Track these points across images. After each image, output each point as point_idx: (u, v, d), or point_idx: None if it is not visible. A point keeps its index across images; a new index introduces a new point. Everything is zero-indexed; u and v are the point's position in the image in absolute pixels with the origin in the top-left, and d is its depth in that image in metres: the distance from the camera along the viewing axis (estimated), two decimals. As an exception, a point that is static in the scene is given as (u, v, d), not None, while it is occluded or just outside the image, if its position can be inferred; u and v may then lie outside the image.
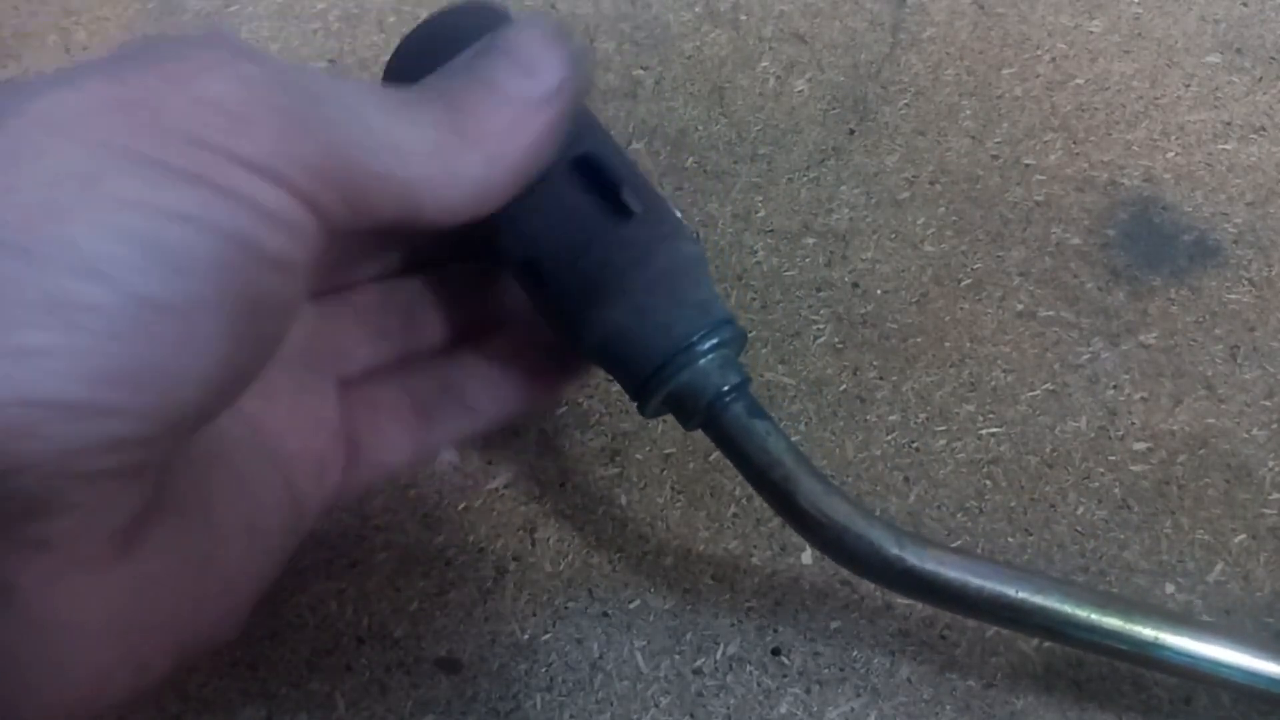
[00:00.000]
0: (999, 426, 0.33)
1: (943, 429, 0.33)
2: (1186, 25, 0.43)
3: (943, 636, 0.29)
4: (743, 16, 0.43)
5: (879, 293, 0.36)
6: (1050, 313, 0.35)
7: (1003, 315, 0.35)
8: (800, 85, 0.41)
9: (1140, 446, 0.32)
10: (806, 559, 0.30)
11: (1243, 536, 0.31)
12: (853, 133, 0.40)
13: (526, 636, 0.29)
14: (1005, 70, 0.41)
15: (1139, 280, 0.36)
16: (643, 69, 0.42)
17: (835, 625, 0.29)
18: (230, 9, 0.44)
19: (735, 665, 0.29)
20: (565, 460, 0.32)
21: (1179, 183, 0.38)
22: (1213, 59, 0.42)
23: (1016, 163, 0.39)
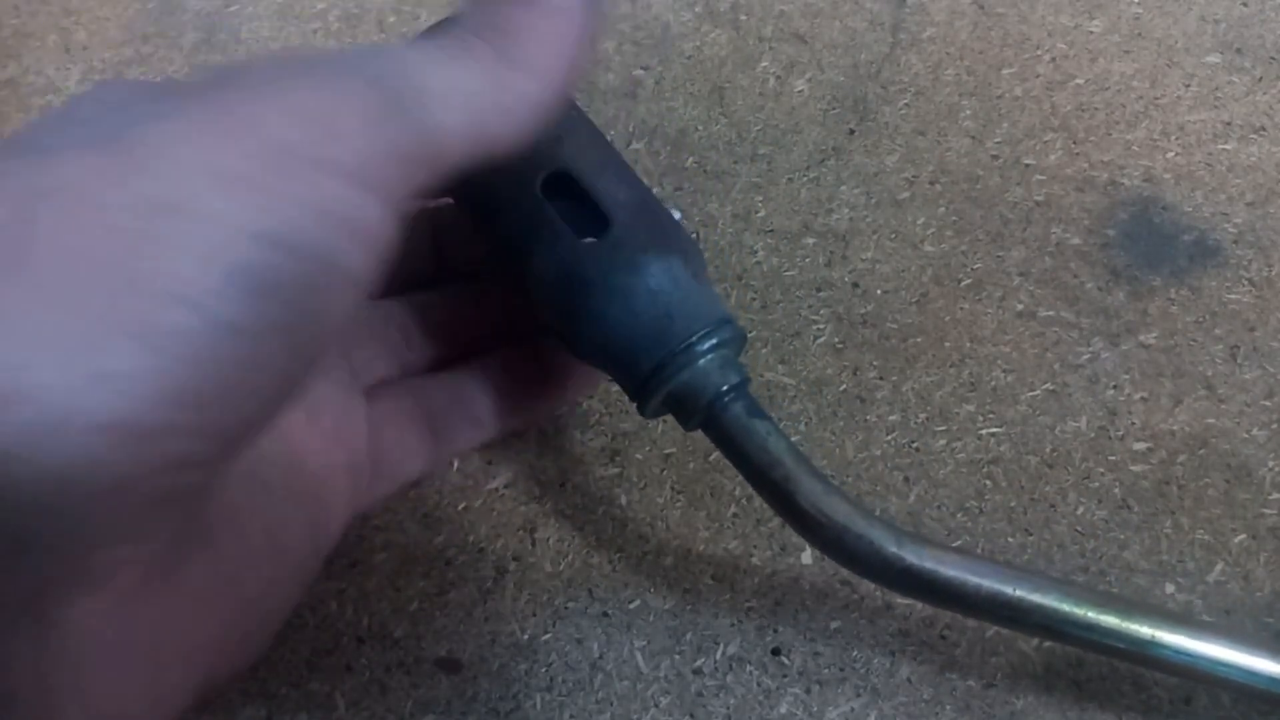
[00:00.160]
0: (999, 426, 0.33)
1: (943, 429, 0.33)
2: (1186, 25, 0.43)
3: (943, 636, 0.29)
4: (743, 16, 0.43)
5: (879, 293, 0.36)
6: (1050, 313, 0.35)
7: (1003, 315, 0.35)
8: (800, 85, 0.41)
9: (1140, 446, 0.32)
10: (806, 559, 0.30)
11: (1243, 536, 0.31)
12: (853, 133, 0.40)
13: (526, 636, 0.29)
14: (1005, 70, 0.41)
15: (1139, 280, 0.36)
16: (643, 69, 0.42)
17: (835, 625, 0.29)
18: (230, 9, 0.44)
19: (735, 665, 0.29)
20: (565, 460, 0.32)
21: (1179, 183, 0.38)
22: (1213, 59, 0.42)
23: (1016, 163, 0.39)
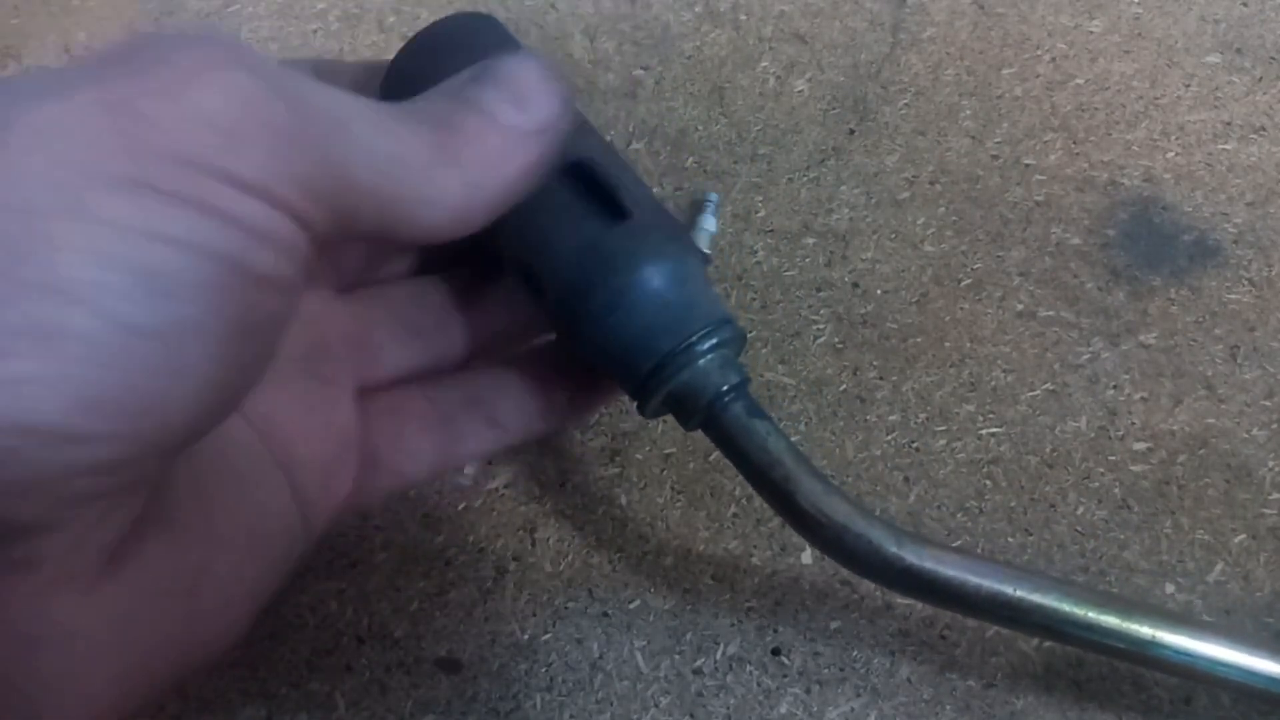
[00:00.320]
0: (999, 426, 0.33)
1: (943, 429, 0.33)
2: (1186, 25, 0.43)
3: (943, 636, 0.29)
4: (743, 16, 0.43)
5: (879, 293, 0.36)
6: (1050, 313, 0.35)
7: (1003, 315, 0.35)
8: (800, 85, 0.41)
9: (1140, 446, 0.32)
10: (806, 559, 0.30)
11: (1243, 536, 0.31)
12: (853, 133, 0.40)
13: (526, 636, 0.29)
14: (1005, 70, 0.41)
15: (1139, 280, 0.36)
16: (643, 69, 0.42)
17: (835, 625, 0.29)
18: (230, 9, 0.44)
19: (735, 665, 0.29)
20: (565, 460, 0.32)
21: (1179, 183, 0.38)
22: (1213, 59, 0.42)
23: (1016, 163, 0.39)
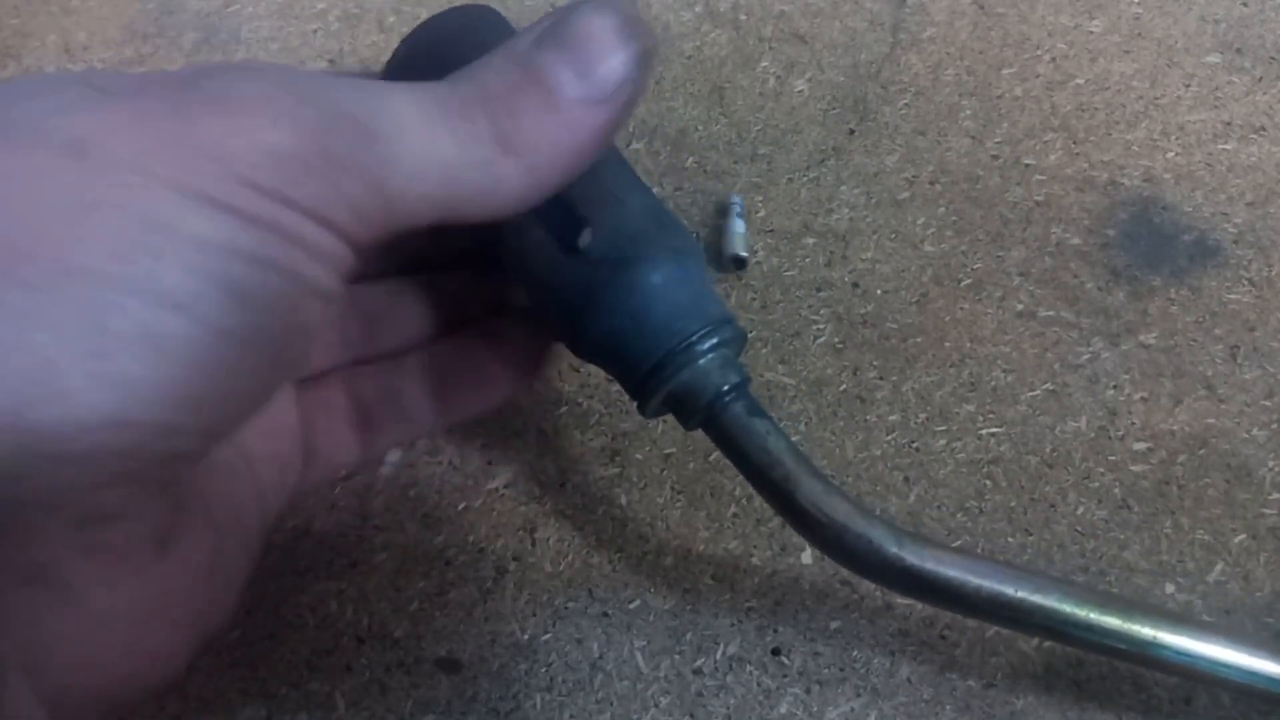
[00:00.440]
0: (999, 426, 0.33)
1: (943, 429, 0.33)
2: (1186, 25, 0.43)
3: (943, 636, 0.29)
4: (743, 16, 0.43)
5: (879, 293, 0.36)
6: (1050, 313, 0.35)
7: (1003, 315, 0.35)
8: (800, 85, 0.41)
9: (1140, 446, 0.32)
10: (806, 559, 0.30)
11: (1243, 536, 0.31)
12: (853, 133, 0.40)
13: (526, 636, 0.29)
14: (1005, 70, 0.41)
15: (1139, 280, 0.36)
16: (643, 69, 0.42)
17: (835, 625, 0.29)
18: (230, 9, 0.44)
19: (735, 665, 0.29)
20: (565, 460, 0.32)
21: (1179, 183, 0.38)
22: (1213, 59, 0.42)
23: (1016, 163, 0.39)
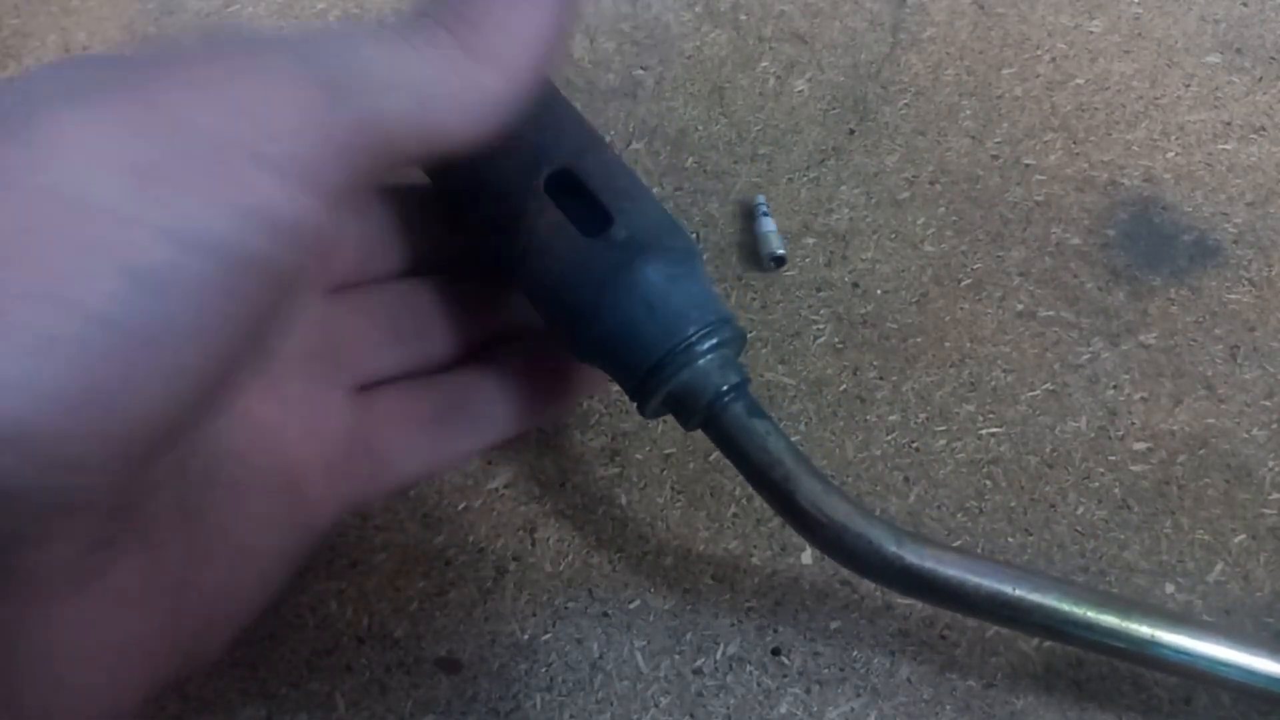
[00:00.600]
0: (999, 426, 0.33)
1: (943, 429, 0.33)
2: (1186, 25, 0.43)
3: (943, 636, 0.29)
4: (743, 16, 0.43)
5: (879, 293, 0.36)
6: (1050, 313, 0.35)
7: (1003, 315, 0.35)
8: (800, 85, 0.41)
9: (1140, 446, 0.32)
10: (806, 559, 0.30)
11: (1243, 536, 0.31)
12: (853, 133, 0.40)
13: (526, 636, 0.29)
14: (1005, 70, 0.41)
15: (1139, 280, 0.36)
16: (643, 69, 0.42)
17: (835, 625, 0.29)
18: (230, 9, 0.44)
19: (735, 665, 0.29)
20: (565, 460, 0.32)
21: (1179, 183, 0.38)
22: (1213, 59, 0.42)
23: (1016, 163, 0.39)
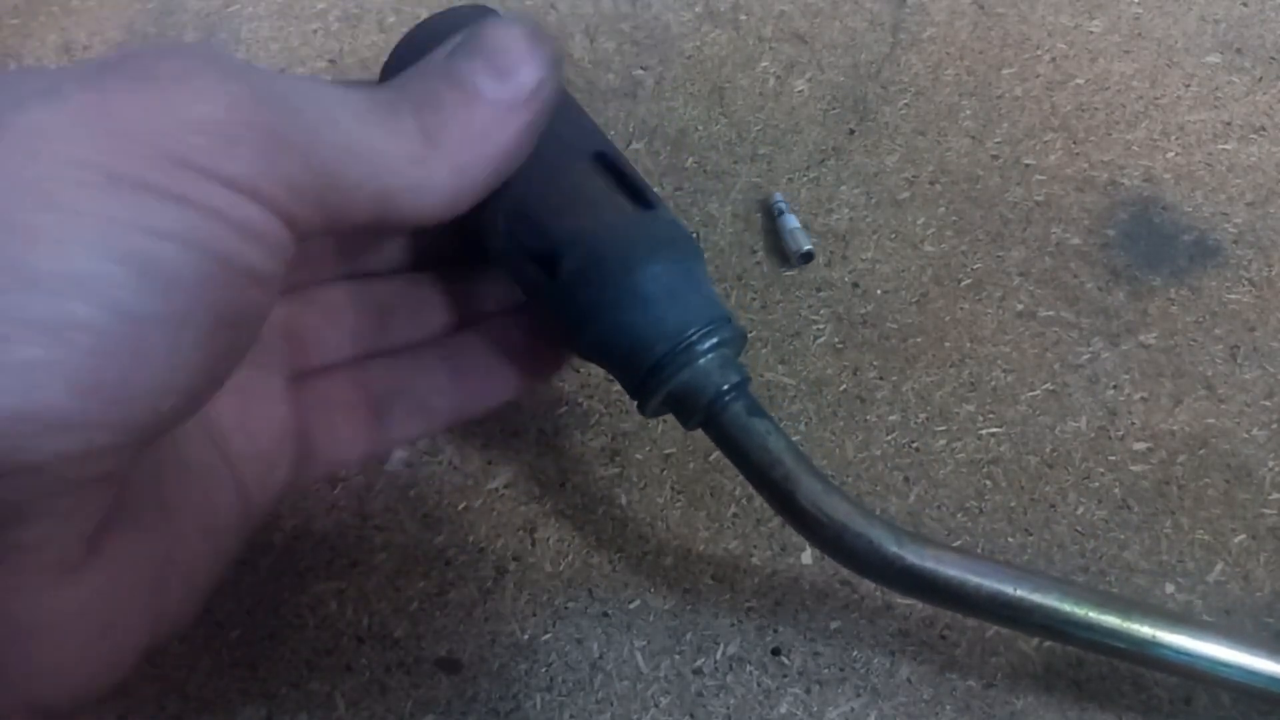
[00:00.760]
0: (999, 426, 0.33)
1: (943, 429, 0.33)
2: (1186, 25, 0.43)
3: (943, 636, 0.29)
4: (743, 16, 0.43)
5: (879, 293, 0.36)
6: (1050, 313, 0.35)
7: (1003, 315, 0.35)
8: (800, 85, 0.41)
9: (1140, 446, 0.32)
10: (806, 559, 0.30)
11: (1243, 536, 0.31)
12: (853, 133, 0.40)
13: (526, 636, 0.29)
14: (1005, 70, 0.41)
15: (1139, 280, 0.36)
16: (643, 69, 0.42)
17: (835, 625, 0.29)
18: (230, 9, 0.44)
19: (735, 665, 0.29)
20: (565, 460, 0.32)
21: (1179, 183, 0.38)
22: (1213, 59, 0.42)
23: (1016, 163, 0.39)
